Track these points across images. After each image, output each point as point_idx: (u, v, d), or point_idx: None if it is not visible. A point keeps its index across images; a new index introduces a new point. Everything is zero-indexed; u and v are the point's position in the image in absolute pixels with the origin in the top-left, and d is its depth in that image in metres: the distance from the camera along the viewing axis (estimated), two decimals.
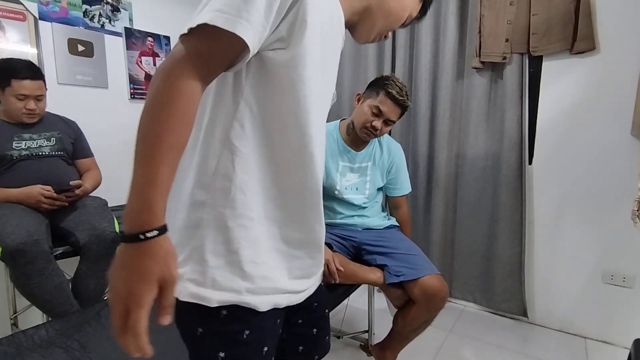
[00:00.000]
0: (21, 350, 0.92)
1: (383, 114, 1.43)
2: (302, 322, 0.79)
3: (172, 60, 0.51)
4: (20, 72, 1.51)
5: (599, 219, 1.82)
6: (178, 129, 0.50)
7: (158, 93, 0.50)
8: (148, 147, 0.49)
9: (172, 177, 0.51)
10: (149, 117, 0.50)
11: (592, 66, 1.76)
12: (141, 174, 0.49)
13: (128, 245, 0.48)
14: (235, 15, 0.51)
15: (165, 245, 0.50)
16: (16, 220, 1.35)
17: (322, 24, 0.61)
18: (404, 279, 1.32)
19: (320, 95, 0.65)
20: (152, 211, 0.48)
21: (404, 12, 0.76)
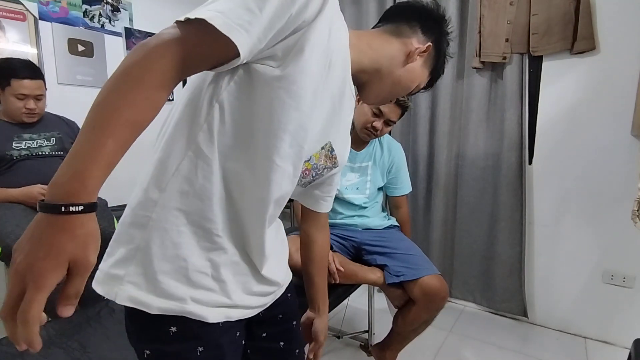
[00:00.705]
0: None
1: (383, 114, 1.43)
2: (266, 336, 0.75)
3: (158, 39, 0.47)
4: (20, 72, 1.51)
5: (599, 219, 1.82)
6: (141, 106, 0.45)
7: (131, 64, 0.45)
8: (101, 116, 0.43)
9: (118, 156, 0.44)
10: (113, 85, 0.45)
11: (592, 66, 1.76)
12: (85, 141, 0.42)
13: (45, 215, 0.40)
14: (236, 22, 0.48)
15: (88, 225, 0.43)
16: (16, 220, 1.35)
17: (319, 62, 0.58)
18: (404, 279, 1.32)
19: (300, 129, 0.59)
20: (84, 183, 0.41)
21: (412, 83, 0.78)
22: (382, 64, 0.73)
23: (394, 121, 1.47)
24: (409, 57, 0.73)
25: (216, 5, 0.49)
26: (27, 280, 0.39)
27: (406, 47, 0.73)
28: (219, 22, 0.47)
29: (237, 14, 0.49)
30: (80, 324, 1.03)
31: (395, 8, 0.78)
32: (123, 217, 0.59)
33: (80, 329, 1.00)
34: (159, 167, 0.57)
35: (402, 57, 0.73)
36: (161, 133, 0.61)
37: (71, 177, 0.41)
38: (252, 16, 0.49)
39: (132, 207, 0.58)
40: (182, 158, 0.56)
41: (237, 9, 0.49)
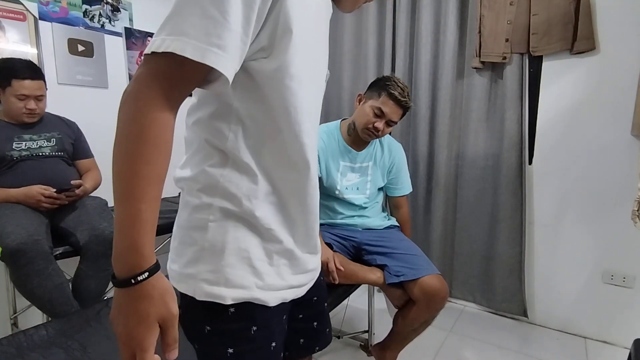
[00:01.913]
0: (21, 350, 0.92)
1: (385, 115, 1.43)
2: (302, 317, 0.79)
3: (138, 84, 0.47)
4: (21, 72, 1.51)
5: (599, 219, 1.82)
6: (155, 160, 0.48)
7: (129, 123, 0.47)
8: (126, 185, 0.47)
9: (156, 210, 0.49)
10: (122, 150, 0.47)
11: (592, 66, 1.76)
12: (123, 213, 0.47)
13: (122, 290, 0.47)
14: (204, 41, 0.47)
15: (159, 284, 0.49)
16: (16, 220, 1.35)
17: (309, 19, 0.57)
18: (404, 279, 1.32)
19: (311, 97, 0.62)
20: (140, 253, 0.47)
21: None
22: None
23: (395, 122, 1.47)
24: None
25: (176, 24, 0.47)
26: (132, 346, 0.47)
27: None
28: (190, 52, 0.46)
29: (204, 30, 0.47)
30: (79, 323, 1.03)
31: None
32: (179, 220, 0.64)
33: (80, 329, 1.00)
34: (201, 177, 0.60)
35: None
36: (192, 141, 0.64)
37: (127, 252, 0.47)
38: (219, 26, 0.47)
39: (187, 211, 0.62)
40: (223, 168, 0.60)
41: (201, 23, 0.47)
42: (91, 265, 1.47)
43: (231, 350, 0.63)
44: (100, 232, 1.48)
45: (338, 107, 2.47)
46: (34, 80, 1.53)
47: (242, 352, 0.63)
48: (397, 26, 2.22)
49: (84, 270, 1.48)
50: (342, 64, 2.42)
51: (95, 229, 1.48)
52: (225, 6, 0.47)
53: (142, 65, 0.48)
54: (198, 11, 0.47)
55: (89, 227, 1.49)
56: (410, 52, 2.22)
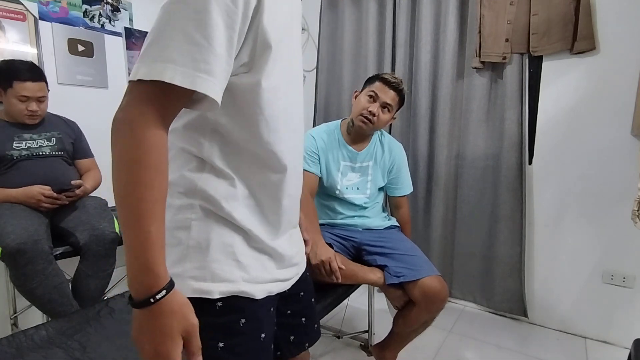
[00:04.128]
0: (21, 350, 0.92)
1: (379, 97, 1.44)
2: (291, 312, 0.82)
3: (130, 111, 0.49)
4: (23, 74, 1.50)
5: (599, 219, 1.82)
6: (157, 183, 0.50)
7: (128, 150, 0.49)
8: (132, 211, 0.49)
9: (163, 229, 0.51)
10: (123, 177, 0.49)
11: (592, 66, 1.76)
12: (134, 238, 0.49)
13: (142, 310, 0.49)
14: (192, 67, 0.48)
15: (176, 299, 0.52)
16: (16, 220, 1.35)
17: (284, 28, 0.59)
18: (404, 280, 1.31)
19: (289, 103, 0.65)
20: (155, 273, 0.49)
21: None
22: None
23: (390, 105, 1.45)
24: None
25: (161, 50, 0.48)
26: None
27: None
28: (180, 79, 0.47)
29: (191, 56, 0.48)
30: (80, 323, 1.03)
31: None
32: None
33: (80, 329, 1.00)
34: (181, 181, 0.62)
35: None
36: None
37: (143, 273, 0.49)
38: (205, 52, 0.48)
39: (170, 213, 0.62)
40: (201, 173, 0.62)
41: (186, 48, 0.48)
42: (91, 265, 1.47)
43: (222, 344, 0.64)
44: (100, 232, 1.48)
45: (338, 107, 2.47)
46: (35, 82, 1.53)
47: (232, 345, 0.64)
48: (397, 26, 2.22)
49: (84, 270, 1.48)
50: (342, 64, 2.42)
51: (96, 229, 1.48)
52: (209, 30, 0.48)
53: (129, 93, 0.49)
54: (182, 36, 0.48)
55: (89, 227, 1.49)
56: (410, 52, 2.22)
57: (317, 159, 1.50)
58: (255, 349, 0.67)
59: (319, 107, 2.55)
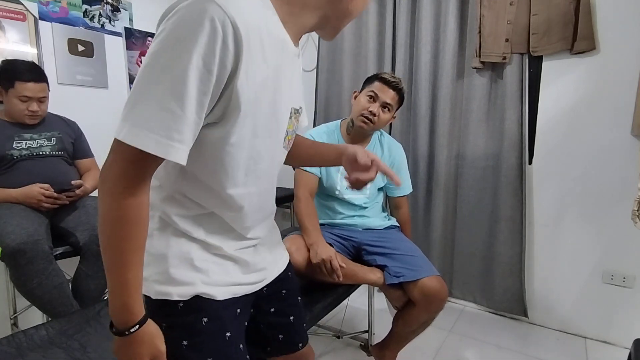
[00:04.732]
0: (21, 350, 0.92)
1: (378, 97, 1.44)
2: (274, 311, 0.87)
3: (114, 169, 0.55)
4: (24, 74, 1.51)
5: (599, 219, 1.82)
6: (135, 235, 0.58)
7: (109, 210, 0.56)
8: (113, 259, 0.57)
9: (140, 272, 0.60)
10: (107, 232, 0.57)
11: (592, 66, 1.76)
12: (114, 281, 0.58)
13: (120, 338, 0.60)
14: (166, 136, 0.53)
15: (148, 330, 0.62)
16: (16, 220, 1.35)
17: (263, 87, 0.62)
18: (404, 280, 1.31)
19: (256, 152, 0.68)
20: (130, 311, 0.59)
21: (362, 8, 0.72)
22: (324, 11, 0.68)
23: (390, 104, 1.46)
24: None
25: (140, 114, 0.52)
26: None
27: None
28: (153, 148, 0.52)
29: (165, 124, 0.52)
30: (79, 323, 1.03)
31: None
32: None
33: (80, 329, 1.00)
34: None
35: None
36: None
37: (120, 310, 0.59)
38: (179, 121, 0.53)
39: None
40: (162, 194, 0.69)
41: (162, 116, 0.52)
42: (91, 265, 1.48)
43: (185, 343, 0.69)
44: None
45: (338, 107, 2.47)
46: (37, 83, 1.53)
47: (196, 343, 0.70)
48: (397, 26, 2.22)
49: (84, 270, 1.48)
50: (343, 64, 2.42)
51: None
52: (184, 99, 0.52)
53: (114, 151, 0.55)
54: (158, 104, 0.52)
55: (89, 227, 1.49)
56: (411, 52, 2.22)
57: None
58: (219, 347, 0.71)
59: (319, 108, 2.55)
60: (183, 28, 0.52)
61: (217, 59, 0.53)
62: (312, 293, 1.28)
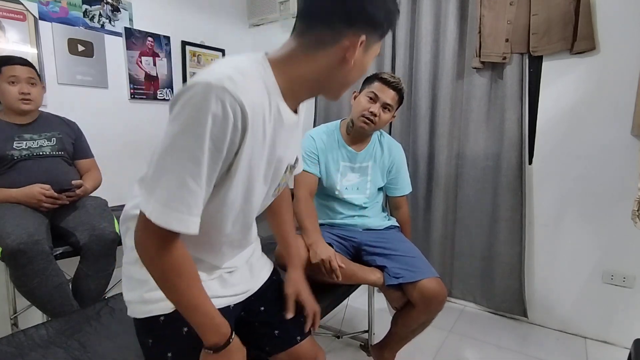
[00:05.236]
0: (21, 349, 0.92)
1: (379, 98, 1.44)
2: (265, 309, 0.94)
3: (145, 244, 0.64)
4: (10, 60, 1.55)
5: (599, 219, 1.82)
6: (192, 282, 0.68)
7: (160, 274, 0.66)
8: (185, 307, 0.68)
9: (203, 292, 0.70)
10: (169, 290, 0.67)
11: (592, 66, 1.76)
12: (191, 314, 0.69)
13: (216, 354, 0.71)
14: (187, 212, 0.61)
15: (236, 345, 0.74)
16: (16, 221, 1.35)
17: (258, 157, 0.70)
18: (403, 282, 1.31)
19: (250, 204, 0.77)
20: (220, 324, 0.72)
21: (363, 67, 0.74)
22: (323, 81, 0.72)
23: (391, 105, 1.45)
24: (346, 58, 0.68)
25: (162, 194, 0.60)
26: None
27: (338, 53, 0.68)
28: (176, 225, 0.61)
29: (186, 202, 0.61)
30: (80, 323, 1.03)
31: (312, 8, 0.69)
32: (124, 259, 0.83)
33: (80, 329, 1.00)
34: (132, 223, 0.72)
35: (339, 61, 0.69)
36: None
37: (211, 329, 0.71)
38: (195, 196, 0.62)
39: (127, 250, 0.82)
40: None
41: (181, 194, 0.60)
42: (91, 265, 1.47)
43: (170, 354, 0.77)
44: (101, 233, 1.48)
45: (338, 108, 2.47)
46: (23, 66, 1.56)
47: (179, 351, 0.77)
48: (397, 26, 2.22)
49: (84, 270, 1.48)
50: None
51: (96, 229, 1.48)
52: (200, 177, 0.61)
53: (143, 223, 0.63)
54: (178, 182, 0.60)
55: (89, 227, 1.48)
56: (410, 52, 2.22)
57: (317, 159, 1.50)
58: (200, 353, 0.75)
59: (319, 108, 2.55)
60: (199, 113, 0.58)
61: (227, 139, 0.61)
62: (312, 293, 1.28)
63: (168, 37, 2.38)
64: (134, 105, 2.25)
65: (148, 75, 2.30)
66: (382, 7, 0.69)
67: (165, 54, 2.38)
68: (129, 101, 2.23)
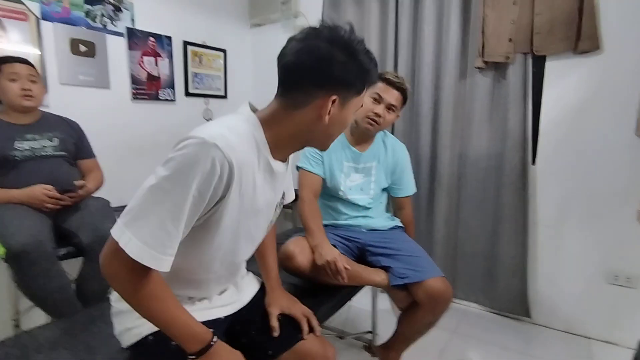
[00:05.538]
0: (26, 351, 0.91)
1: (383, 99, 1.43)
2: (261, 318, 0.96)
3: (122, 270, 0.67)
4: (9, 59, 1.56)
5: (603, 219, 1.82)
6: (161, 304, 0.71)
7: (139, 299, 0.69)
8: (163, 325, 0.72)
9: (178, 304, 0.73)
10: (147, 311, 0.71)
11: (596, 66, 1.76)
12: (170, 328, 0.72)
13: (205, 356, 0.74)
14: (160, 252, 0.65)
15: (222, 343, 0.77)
16: (19, 221, 1.34)
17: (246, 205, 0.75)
18: (409, 282, 1.30)
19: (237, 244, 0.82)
20: (198, 331, 0.74)
21: (346, 120, 0.79)
22: (305, 135, 0.79)
23: (395, 106, 1.45)
24: (321, 115, 0.75)
25: (140, 228, 0.64)
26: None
27: (313, 112, 0.75)
28: (148, 260, 0.64)
29: (161, 242, 0.65)
30: (84, 323, 1.02)
31: (285, 74, 0.76)
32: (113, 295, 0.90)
33: (85, 329, 0.99)
34: None
35: (315, 119, 0.75)
36: None
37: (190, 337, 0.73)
38: (172, 239, 0.66)
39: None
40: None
41: (158, 234, 0.64)
42: (95, 266, 1.45)
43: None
44: (104, 233, 1.45)
45: None
46: (23, 64, 1.56)
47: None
48: (400, 26, 2.22)
49: (88, 271, 1.48)
50: None
51: (99, 229, 1.47)
52: (179, 221, 0.65)
53: (113, 253, 0.66)
54: (158, 223, 0.64)
55: (92, 227, 1.48)
56: (413, 52, 2.22)
57: (321, 160, 1.50)
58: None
59: None
60: (190, 164, 0.64)
61: (212, 189, 0.66)
62: (316, 295, 1.27)
63: (170, 38, 2.38)
64: (135, 105, 2.24)
65: (150, 76, 2.29)
66: (351, 69, 0.74)
67: (167, 54, 2.37)
68: (131, 101, 2.22)
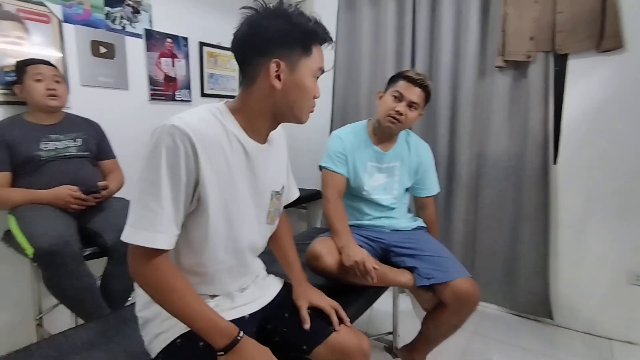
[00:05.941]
0: (62, 352, 0.91)
1: (404, 97, 1.42)
2: (289, 315, 0.96)
3: (139, 262, 0.73)
4: (34, 61, 1.58)
5: (625, 220, 1.79)
6: (183, 292, 0.75)
7: (153, 286, 0.74)
8: (183, 317, 0.75)
9: (198, 298, 0.76)
10: (167, 301, 0.75)
11: (619, 65, 1.74)
12: (191, 321, 0.75)
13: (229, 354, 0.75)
14: (152, 229, 0.70)
15: (248, 339, 0.79)
16: (47, 222, 1.35)
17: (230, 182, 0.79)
18: (435, 282, 1.30)
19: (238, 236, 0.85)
20: (223, 325, 0.76)
21: (303, 85, 0.81)
22: (269, 109, 0.81)
23: (417, 103, 1.43)
24: (274, 85, 0.77)
25: (132, 216, 0.71)
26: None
27: (265, 82, 0.78)
28: (142, 241, 0.70)
29: (147, 220, 0.70)
30: (117, 325, 1.03)
31: (234, 53, 0.81)
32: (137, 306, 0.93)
33: (119, 331, 1.00)
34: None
35: (269, 89, 0.78)
36: None
37: (215, 330, 0.75)
38: (158, 216, 0.70)
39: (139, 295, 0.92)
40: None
41: (144, 214, 0.70)
42: (119, 266, 1.47)
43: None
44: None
45: (355, 108, 2.45)
46: (48, 66, 1.59)
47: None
48: (417, 25, 2.21)
49: (112, 271, 1.48)
50: (361, 63, 2.41)
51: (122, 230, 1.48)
52: (160, 198, 0.70)
53: (128, 252, 0.74)
54: (143, 206, 0.70)
55: (116, 228, 1.48)
56: (430, 51, 2.21)
57: (345, 159, 1.49)
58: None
59: (337, 108, 2.54)
60: (155, 147, 0.70)
61: (182, 164, 0.71)
62: (343, 295, 1.26)
63: (186, 39, 2.38)
64: (153, 106, 2.25)
65: (167, 77, 2.30)
66: (286, 30, 0.76)
67: (183, 55, 2.38)
68: (149, 102, 2.23)
